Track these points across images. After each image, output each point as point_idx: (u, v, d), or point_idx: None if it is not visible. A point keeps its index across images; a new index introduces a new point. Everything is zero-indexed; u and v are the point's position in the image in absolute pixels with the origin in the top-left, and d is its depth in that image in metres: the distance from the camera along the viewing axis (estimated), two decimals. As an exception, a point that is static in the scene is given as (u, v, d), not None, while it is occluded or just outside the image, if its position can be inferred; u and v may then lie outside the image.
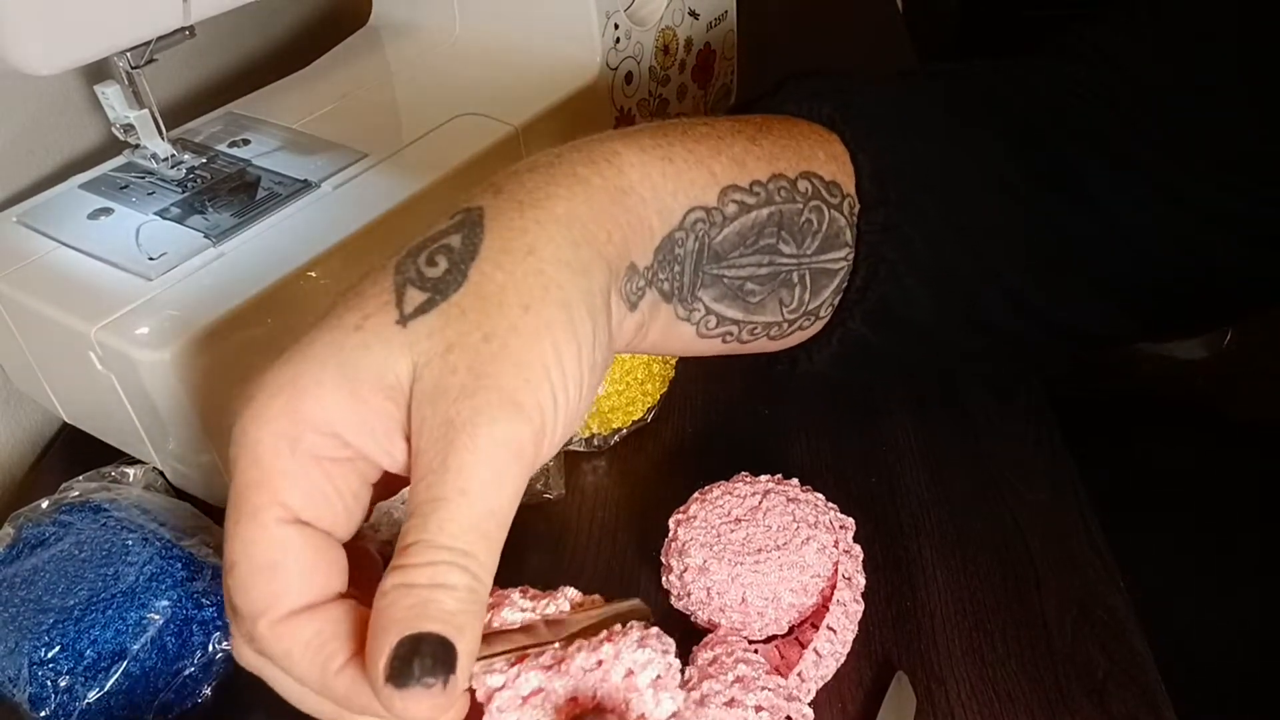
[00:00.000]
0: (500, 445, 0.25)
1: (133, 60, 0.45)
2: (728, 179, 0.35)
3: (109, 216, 0.48)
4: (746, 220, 0.36)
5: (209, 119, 0.56)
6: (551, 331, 0.27)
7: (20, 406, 0.55)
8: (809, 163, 0.38)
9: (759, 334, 0.39)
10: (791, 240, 0.37)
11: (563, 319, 0.27)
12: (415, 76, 0.61)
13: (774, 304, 0.38)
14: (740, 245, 0.36)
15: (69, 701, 0.36)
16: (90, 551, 0.40)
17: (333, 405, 0.26)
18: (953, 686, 0.39)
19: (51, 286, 0.44)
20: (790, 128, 0.38)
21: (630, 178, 0.32)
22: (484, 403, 0.25)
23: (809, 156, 0.38)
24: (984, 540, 0.45)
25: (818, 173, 0.38)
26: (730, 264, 0.36)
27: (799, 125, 0.39)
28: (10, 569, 0.40)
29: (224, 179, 0.50)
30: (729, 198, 0.35)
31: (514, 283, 0.27)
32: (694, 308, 0.36)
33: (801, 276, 0.38)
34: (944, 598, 0.42)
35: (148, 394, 0.42)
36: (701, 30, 0.66)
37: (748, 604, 0.38)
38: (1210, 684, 0.53)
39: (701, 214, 0.34)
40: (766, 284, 0.37)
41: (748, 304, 0.37)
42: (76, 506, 0.42)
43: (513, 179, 0.30)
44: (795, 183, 0.37)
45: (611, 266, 0.30)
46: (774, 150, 0.37)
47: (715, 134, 0.36)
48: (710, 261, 0.35)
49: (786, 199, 0.37)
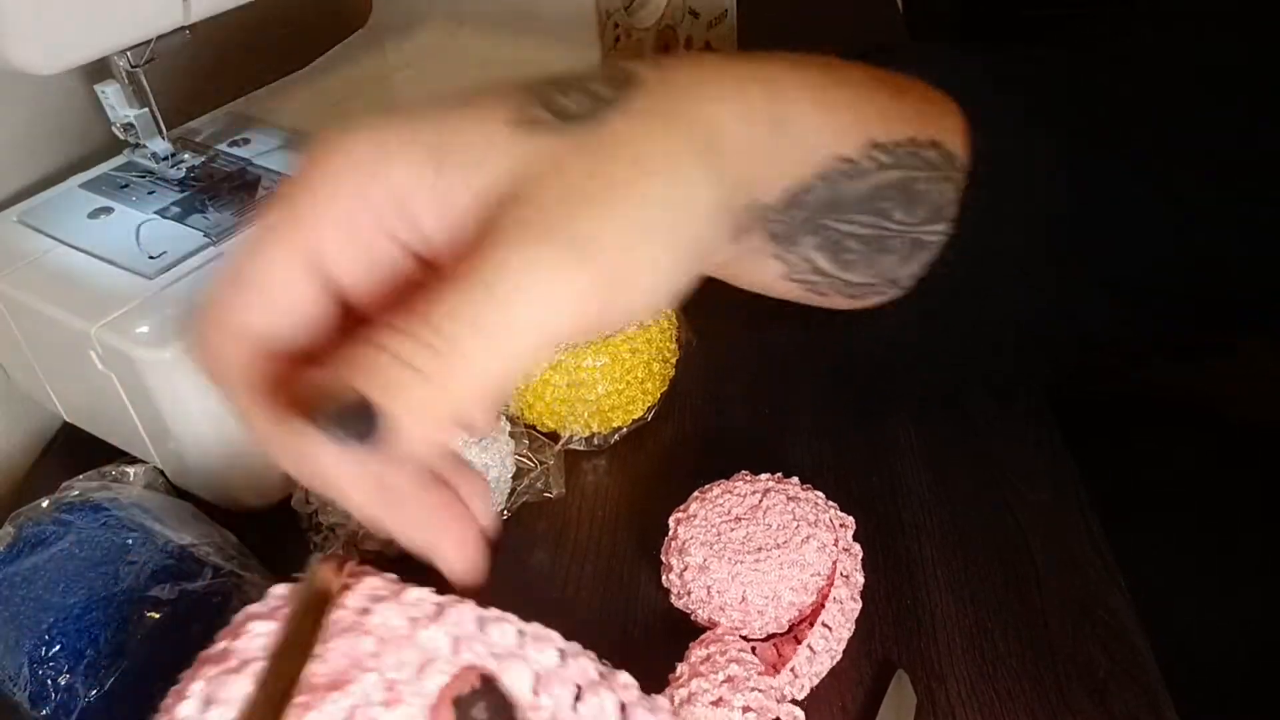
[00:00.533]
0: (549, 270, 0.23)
1: (133, 59, 0.45)
2: (874, 133, 0.34)
3: (109, 215, 0.48)
4: (878, 179, 0.34)
5: (209, 118, 0.56)
6: (659, 205, 0.26)
7: (21, 406, 0.55)
8: (939, 131, 0.36)
9: (839, 289, 0.38)
10: (907, 208, 0.36)
11: (678, 198, 0.26)
12: (415, 76, 0.61)
13: (865, 265, 0.37)
14: (861, 203, 0.34)
15: (69, 700, 0.36)
16: (90, 551, 0.40)
17: (413, 171, 0.25)
18: (953, 685, 0.39)
19: (52, 285, 0.44)
20: (924, 91, 0.37)
21: (789, 110, 0.31)
22: (559, 230, 0.24)
23: (939, 124, 0.36)
24: (984, 540, 0.45)
25: (944, 143, 0.36)
26: (843, 218, 0.34)
27: (930, 90, 0.37)
28: (11, 568, 0.40)
29: (224, 178, 0.50)
30: (870, 153, 0.34)
31: (645, 146, 0.26)
32: (791, 252, 0.34)
33: (900, 244, 0.37)
34: (944, 597, 0.42)
35: (148, 393, 0.42)
36: (701, 30, 0.66)
37: (748, 602, 0.38)
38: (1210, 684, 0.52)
39: (843, 166, 0.33)
40: (866, 245, 0.36)
41: (842, 260, 0.36)
42: (77, 506, 0.42)
43: (681, 64, 0.29)
44: (925, 150, 0.35)
45: (738, 186, 0.29)
46: (911, 113, 0.35)
47: (864, 79, 0.34)
48: (827, 212, 0.34)
49: (915, 166, 0.35)
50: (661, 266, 0.26)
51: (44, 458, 0.55)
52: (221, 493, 0.46)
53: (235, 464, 0.45)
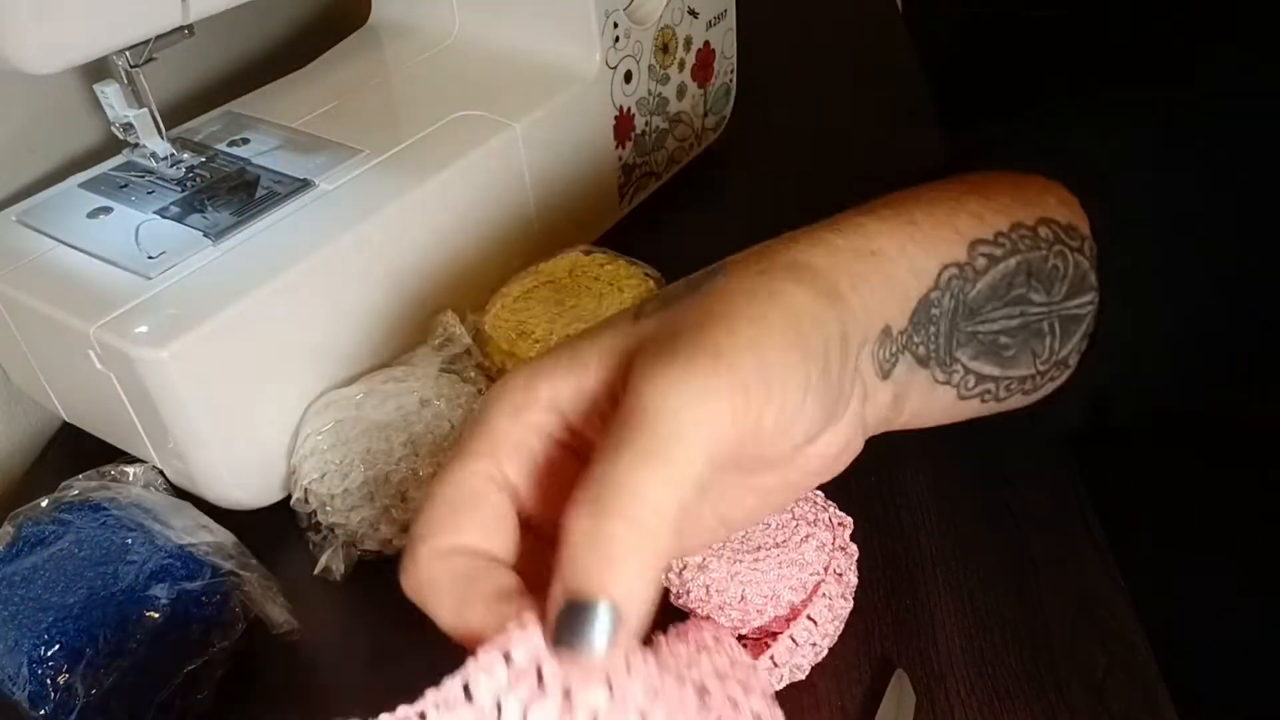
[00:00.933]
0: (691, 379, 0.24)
1: (132, 59, 0.45)
2: (972, 234, 0.34)
3: (108, 215, 0.48)
4: (997, 272, 0.35)
5: (208, 118, 0.56)
6: (780, 319, 0.27)
7: (20, 405, 0.55)
8: (1043, 209, 0.37)
9: (1014, 389, 0.38)
10: (1041, 288, 0.36)
11: (793, 312, 0.27)
12: (414, 75, 0.61)
13: (1027, 356, 0.37)
14: (994, 299, 0.35)
15: (68, 700, 0.36)
16: (90, 550, 0.40)
17: (561, 381, 0.27)
18: (952, 685, 0.39)
19: (51, 285, 0.44)
20: (1014, 180, 0.38)
21: (878, 241, 0.32)
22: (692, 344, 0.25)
23: (1040, 204, 0.37)
24: (984, 539, 0.45)
25: (1054, 218, 0.37)
26: (984, 319, 0.35)
27: (1019, 177, 0.38)
28: (10, 567, 0.40)
29: (223, 178, 0.50)
30: (977, 251, 0.34)
31: (743, 292, 0.28)
32: (953, 370, 0.35)
33: (1052, 325, 0.37)
34: (944, 596, 0.42)
35: (147, 393, 0.42)
36: (701, 29, 0.66)
37: (747, 601, 0.38)
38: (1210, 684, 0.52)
39: (955, 270, 0.34)
40: (1018, 335, 0.36)
41: (1002, 358, 0.36)
42: (76, 505, 0.42)
43: (757, 246, 0.31)
44: (1035, 229, 0.36)
45: (857, 319, 0.30)
46: (1006, 202, 0.36)
47: (947, 195, 0.35)
48: (965, 319, 0.35)
49: (1031, 247, 0.36)
50: (794, 367, 0.27)
51: (43, 457, 0.55)
52: (221, 493, 0.46)
53: (234, 464, 0.45)
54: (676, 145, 0.68)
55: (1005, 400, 0.38)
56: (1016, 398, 0.38)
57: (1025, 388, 0.38)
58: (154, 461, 0.47)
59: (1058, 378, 0.39)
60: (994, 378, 0.37)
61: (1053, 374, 0.39)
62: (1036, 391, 0.39)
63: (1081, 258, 0.37)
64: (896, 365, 0.33)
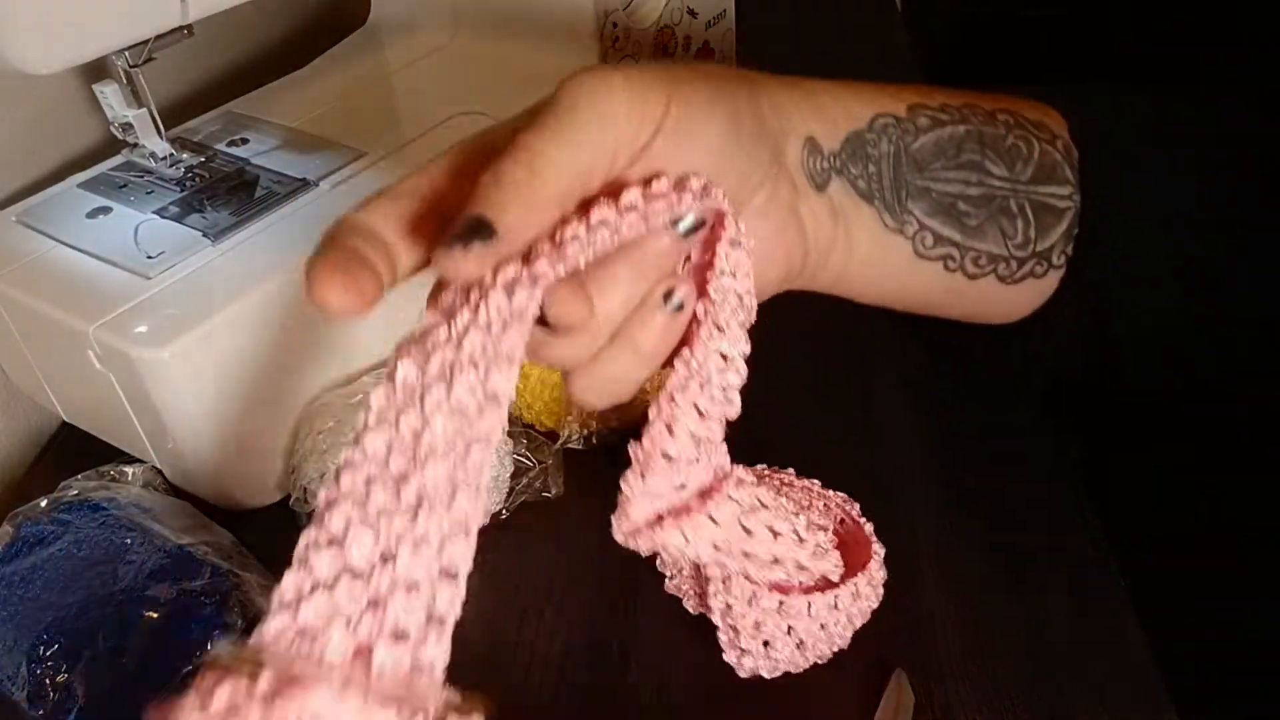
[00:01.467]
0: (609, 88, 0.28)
1: (131, 59, 0.45)
2: (914, 100, 0.36)
3: (107, 215, 0.48)
4: (942, 133, 0.36)
5: (207, 118, 0.56)
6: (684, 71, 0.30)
7: (19, 405, 0.55)
8: (1010, 105, 0.38)
9: (985, 266, 0.38)
10: (1000, 161, 0.37)
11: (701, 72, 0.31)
12: (413, 76, 0.61)
13: (995, 232, 0.37)
14: (940, 156, 0.36)
15: (67, 699, 0.36)
16: (89, 550, 0.40)
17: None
18: (952, 685, 0.39)
19: (50, 285, 0.44)
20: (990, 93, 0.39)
21: (812, 85, 0.34)
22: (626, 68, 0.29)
23: (1008, 102, 0.38)
24: (983, 538, 0.45)
25: (1019, 112, 0.38)
26: (934, 175, 0.36)
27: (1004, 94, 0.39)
28: (9, 567, 0.40)
29: (222, 178, 0.50)
30: (919, 112, 0.36)
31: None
32: (905, 220, 0.36)
33: (1021, 207, 0.37)
34: (944, 596, 0.42)
35: (146, 392, 0.42)
36: (700, 29, 0.66)
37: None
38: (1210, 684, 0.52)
39: (890, 120, 0.35)
40: (981, 207, 0.37)
41: (964, 225, 0.37)
42: (75, 505, 0.42)
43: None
44: (993, 114, 0.37)
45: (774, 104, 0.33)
46: (964, 93, 0.37)
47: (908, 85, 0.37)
48: (911, 169, 0.36)
49: (983, 122, 0.37)
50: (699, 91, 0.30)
51: (42, 457, 0.55)
52: (219, 492, 0.46)
53: (233, 464, 0.45)
54: (676, 145, 0.68)
55: (976, 277, 0.38)
56: (990, 280, 0.38)
57: (1000, 271, 0.38)
58: (153, 461, 0.47)
59: (1040, 274, 0.39)
60: (956, 243, 0.37)
61: (1033, 267, 0.38)
62: (1014, 280, 0.39)
63: (1051, 149, 0.37)
64: (831, 182, 0.35)
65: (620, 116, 0.28)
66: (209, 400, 0.43)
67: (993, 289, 0.39)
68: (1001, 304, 0.40)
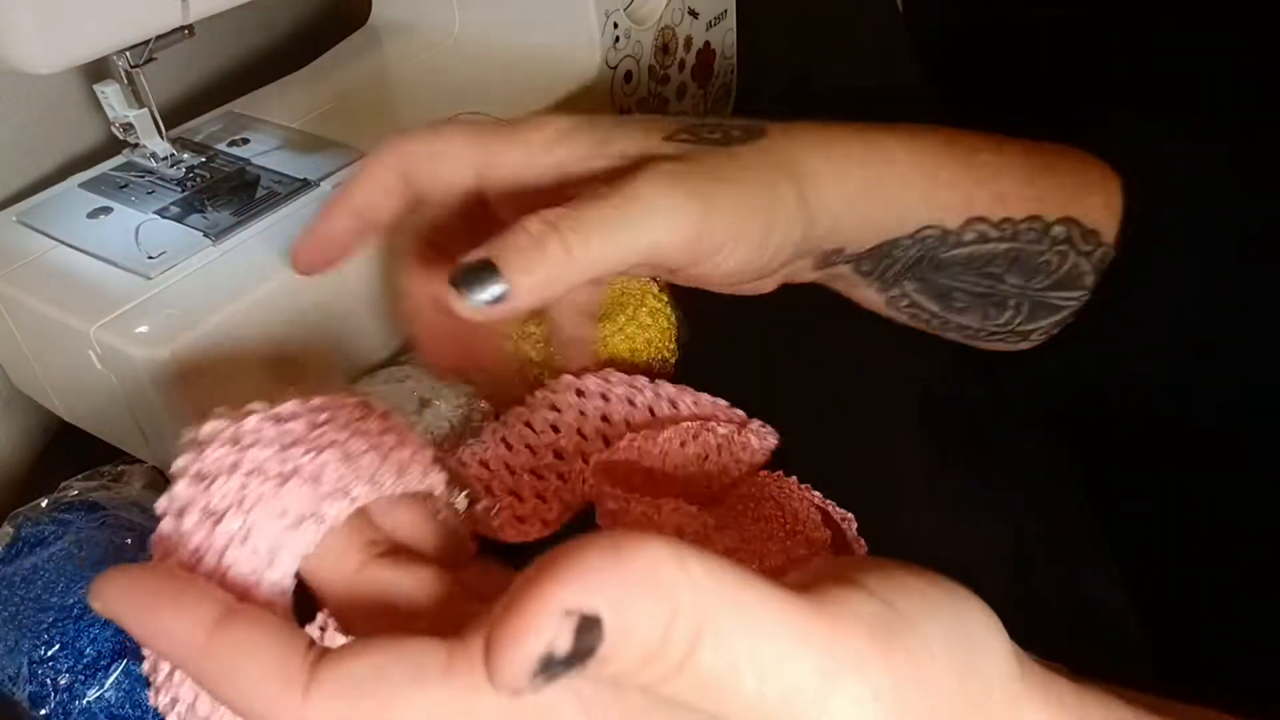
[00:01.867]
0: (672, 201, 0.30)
1: (132, 59, 0.45)
2: (979, 210, 0.35)
3: (108, 215, 0.48)
4: (980, 250, 0.36)
5: (208, 118, 0.56)
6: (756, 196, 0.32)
7: (19, 405, 0.55)
8: (1077, 208, 0.37)
9: (950, 329, 0.39)
10: (1020, 273, 0.37)
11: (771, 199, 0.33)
12: (414, 76, 0.61)
13: (977, 314, 0.38)
14: (967, 269, 0.36)
15: (69, 700, 0.36)
16: (89, 550, 0.40)
17: (577, 146, 0.34)
18: (953, 686, 0.39)
19: (51, 285, 0.44)
20: (1079, 167, 0.38)
21: (887, 173, 0.34)
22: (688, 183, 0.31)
23: (1079, 201, 0.37)
24: (984, 540, 0.45)
25: (1080, 220, 0.37)
26: (947, 275, 0.36)
27: (1088, 165, 0.38)
28: (9, 568, 0.40)
29: (223, 178, 0.50)
30: (971, 227, 0.35)
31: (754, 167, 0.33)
32: (893, 291, 0.37)
33: (1019, 304, 0.38)
34: (944, 597, 0.42)
35: (147, 393, 0.42)
36: (701, 29, 0.66)
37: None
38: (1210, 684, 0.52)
39: (937, 232, 0.35)
40: (979, 299, 0.37)
41: (949, 304, 0.37)
42: (75, 505, 0.42)
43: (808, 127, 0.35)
44: (1050, 227, 0.36)
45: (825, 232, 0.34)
46: (1045, 192, 0.36)
47: (996, 162, 0.36)
48: (928, 269, 0.36)
49: (1032, 240, 0.36)
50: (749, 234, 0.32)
51: (42, 457, 0.55)
52: (221, 493, 0.46)
53: (234, 464, 0.45)
54: (676, 145, 0.68)
55: (940, 330, 0.39)
56: (954, 336, 0.40)
57: (965, 334, 0.39)
58: (153, 461, 0.47)
59: (1012, 343, 0.40)
60: (933, 313, 0.38)
61: (1005, 337, 0.39)
62: (981, 342, 0.40)
63: (1083, 259, 0.37)
64: (834, 268, 0.36)
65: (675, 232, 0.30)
66: (210, 401, 0.43)
67: (953, 338, 0.40)
68: (958, 340, 0.41)
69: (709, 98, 0.70)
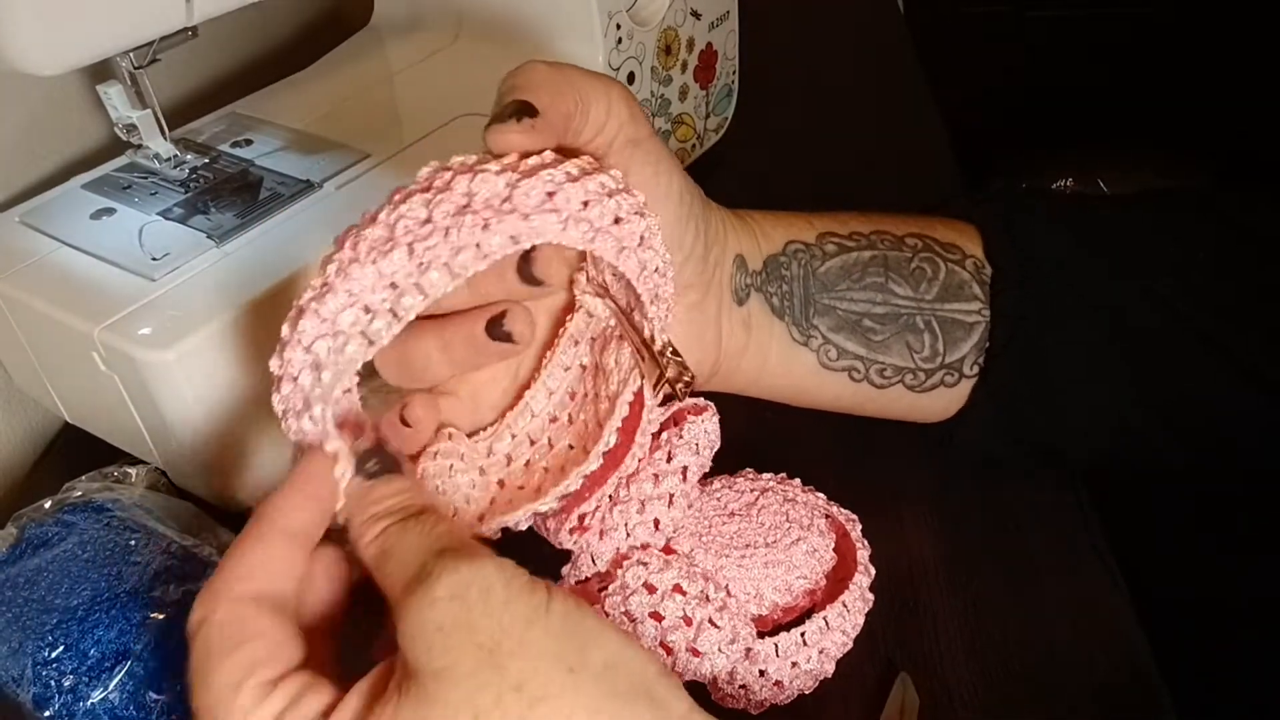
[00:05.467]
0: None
1: (135, 60, 0.45)
2: (825, 228, 0.40)
3: (111, 217, 0.48)
4: (848, 258, 0.40)
5: (212, 119, 0.56)
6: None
7: (23, 406, 0.55)
8: (922, 229, 0.41)
9: (891, 378, 0.40)
10: (904, 283, 0.40)
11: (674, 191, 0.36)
12: (417, 77, 0.61)
13: (900, 346, 0.40)
14: (845, 278, 0.39)
15: (73, 701, 0.36)
16: (93, 551, 0.40)
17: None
18: (955, 687, 0.39)
19: (54, 287, 0.44)
20: (912, 216, 0.42)
21: (743, 214, 0.40)
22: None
23: (923, 225, 0.41)
24: (986, 542, 0.45)
25: (930, 235, 0.41)
26: (839, 295, 0.39)
27: (925, 216, 0.42)
28: (13, 569, 0.40)
29: (226, 179, 0.50)
30: (826, 239, 0.40)
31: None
32: (810, 333, 0.39)
33: (928, 323, 0.40)
34: (946, 599, 0.42)
35: (150, 394, 0.42)
36: (704, 30, 0.66)
37: (732, 596, 0.39)
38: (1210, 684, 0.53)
39: (800, 246, 0.40)
40: (887, 324, 0.39)
41: (869, 340, 0.39)
42: (79, 506, 0.42)
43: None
44: (902, 239, 0.40)
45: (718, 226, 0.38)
46: (881, 219, 0.41)
47: (826, 214, 0.42)
48: (819, 290, 0.39)
49: (890, 247, 0.40)
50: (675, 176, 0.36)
51: (46, 458, 0.55)
52: (223, 493, 0.46)
53: (237, 464, 0.45)
54: (679, 147, 0.68)
55: (884, 388, 0.41)
56: (898, 389, 0.41)
57: (907, 380, 0.41)
58: (157, 462, 0.47)
59: (951, 384, 0.41)
60: (860, 356, 0.40)
61: (944, 377, 0.41)
62: (924, 390, 0.41)
63: (959, 268, 0.40)
64: (751, 298, 0.39)
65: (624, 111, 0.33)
66: (213, 402, 0.43)
67: (903, 397, 0.42)
68: (915, 410, 0.43)
69: (711, 99, 0.70)
